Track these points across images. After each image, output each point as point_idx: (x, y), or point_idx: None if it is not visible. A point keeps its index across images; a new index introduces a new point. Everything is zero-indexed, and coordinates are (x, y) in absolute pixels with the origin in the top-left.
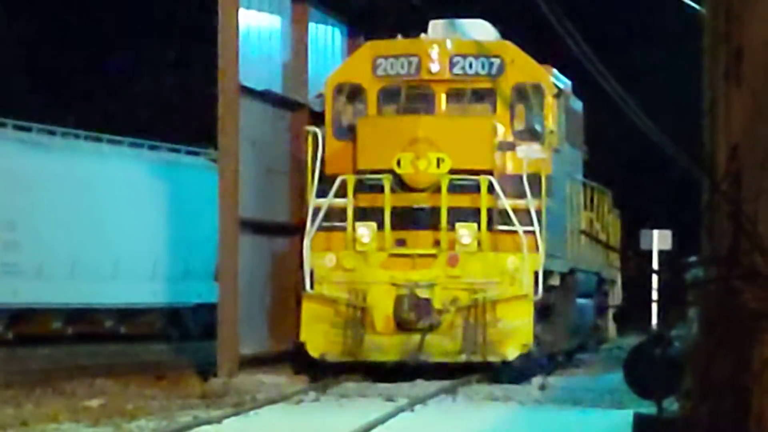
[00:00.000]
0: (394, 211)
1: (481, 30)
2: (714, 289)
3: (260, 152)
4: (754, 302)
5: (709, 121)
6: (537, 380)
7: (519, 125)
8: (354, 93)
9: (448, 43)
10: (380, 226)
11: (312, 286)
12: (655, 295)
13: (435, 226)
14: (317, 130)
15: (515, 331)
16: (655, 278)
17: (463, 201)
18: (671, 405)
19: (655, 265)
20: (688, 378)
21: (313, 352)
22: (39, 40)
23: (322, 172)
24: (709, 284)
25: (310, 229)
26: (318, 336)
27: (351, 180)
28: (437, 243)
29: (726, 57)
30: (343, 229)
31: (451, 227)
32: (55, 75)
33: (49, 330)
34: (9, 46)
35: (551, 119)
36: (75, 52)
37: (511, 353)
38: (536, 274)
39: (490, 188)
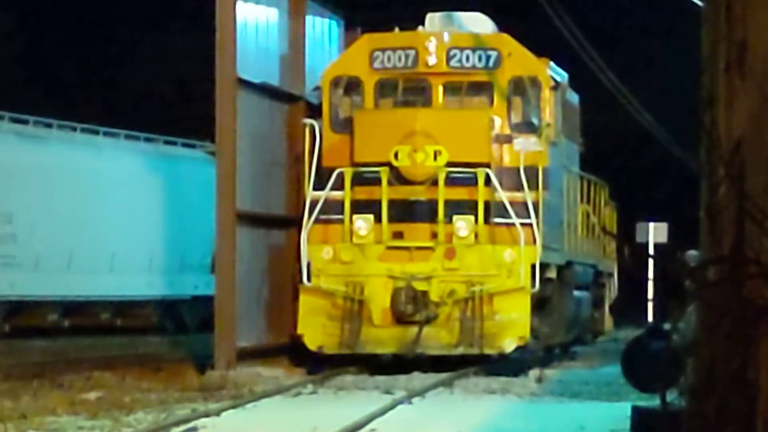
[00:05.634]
0: (392, 204)
1: (478, 23)
2: (721, 285)
3: (257, 145)
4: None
5: (708, 115)
6: (534, 373)
7: (516, 118)
8: (351, 86)
9: (446, 36)
10: (377, 218)
11: (309, 279)
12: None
13: (432, 219)
14: (314, 122)
15: (512, 324)
16: (651, 271)
17: (461, 194)
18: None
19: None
20: (690, 372)
21: (311, 344)
22: (35, 32)
23: (319, 164)
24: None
25: (307, 222)
26: (315, 329)
27: (348, 172)
28: (434, 236)
29: (728, 49)
30: (341, 221)
31: (449, 220)
32: (52, 67)
33: (46, 322)
34: (5, 37)
35: (548, 112)
36: (71, 44)
37: (508, 346)
38: (533, 266)
39: (487, 181)
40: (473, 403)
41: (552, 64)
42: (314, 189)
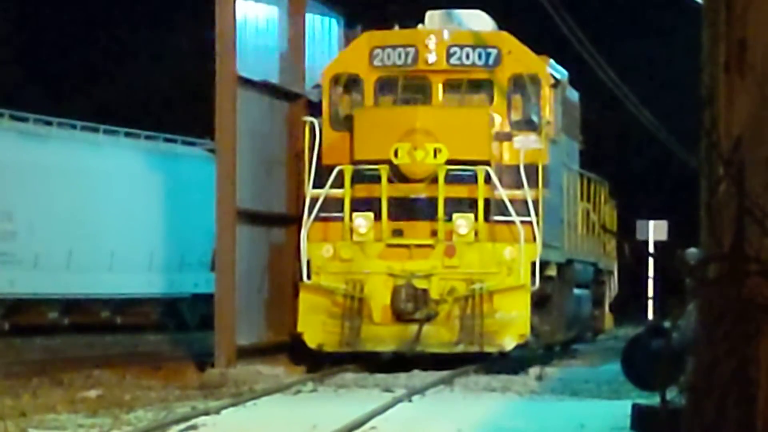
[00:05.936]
0: (392, 202)
1: (478, 20)
2: (721, 283)
3: (257, 143)
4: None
5: (708, 114)
6: (534, 371)
7: (516, 116)
8: (351, 83)
9: (445, 34)
10: (377, 216)
11: (309, 277)
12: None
13: (432, 217)
14: (314, 120)
15: (512, 322)
16: (651, 269)
17: (461, 191)
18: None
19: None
20: (690, 371)
21: (311, 342)
22: (35, 32)
23: (319, 162)
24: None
25: (307, 220)
26: (315, 326)
27: (348, 170)
28: (434, 233)
29: (727, 48)
30: (340, 219)
31: (449, 218)
32: (51, 65)
33: (46, 320)
34: (4, 37)
35: (548, 110)
36: (70, 42)
37: (509, 344)
38: (533, 264)
39: (487, 179)
40: (473, 401)
41: (552, 61)
42: (314, 187)
